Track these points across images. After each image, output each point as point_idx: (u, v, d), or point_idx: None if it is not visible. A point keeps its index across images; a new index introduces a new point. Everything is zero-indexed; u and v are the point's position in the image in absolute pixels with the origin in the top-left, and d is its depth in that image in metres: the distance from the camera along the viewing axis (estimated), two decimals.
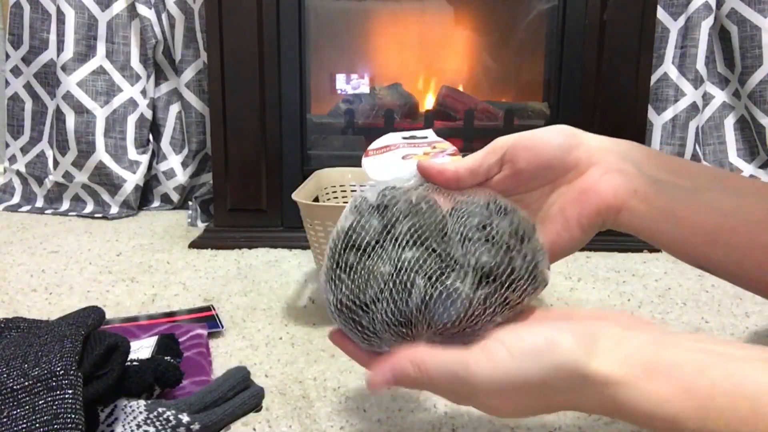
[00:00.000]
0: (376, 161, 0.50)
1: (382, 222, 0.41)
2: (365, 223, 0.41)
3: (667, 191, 0.43)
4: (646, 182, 0.43)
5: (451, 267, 0.39)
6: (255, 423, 0.61)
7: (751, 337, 0.83)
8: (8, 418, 0.47)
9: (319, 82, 1.39)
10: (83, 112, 1.49)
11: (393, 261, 0.39)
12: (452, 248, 0.40)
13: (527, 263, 0.41)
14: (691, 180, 0.43)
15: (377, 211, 0.41)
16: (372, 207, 0.42)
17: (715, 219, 0.42)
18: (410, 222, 0.40)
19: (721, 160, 1.52)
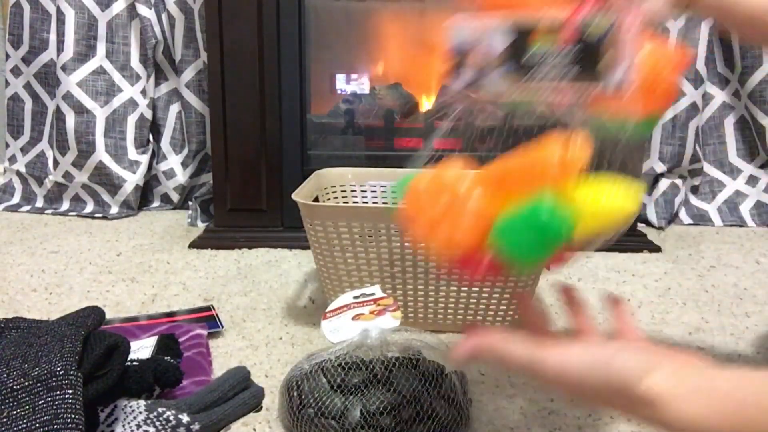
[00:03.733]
0: (332, 324, 0.60)
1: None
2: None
3: None
4: None
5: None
6: (255, 423, 0.61)
7: (751, 337, 0.83)
8: (8, 418, 0.47)
9: (319, 82, 1.39)
10: (83, 112, 1.49)
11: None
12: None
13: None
14: None
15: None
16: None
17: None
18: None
19: (721, 160, 1.52)
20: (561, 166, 0.42)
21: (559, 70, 0.45)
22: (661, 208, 1.42)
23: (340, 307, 0.64)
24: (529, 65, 0.46)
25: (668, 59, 0.46)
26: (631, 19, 0.43)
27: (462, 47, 0.48)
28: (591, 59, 0.44)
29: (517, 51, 0.45)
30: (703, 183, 1.51)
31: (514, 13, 0.46)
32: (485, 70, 0.47)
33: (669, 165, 1.45)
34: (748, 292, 1.00)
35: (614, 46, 0.43)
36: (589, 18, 0.43)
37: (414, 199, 0.46)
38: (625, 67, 0.43)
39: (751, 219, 1.46)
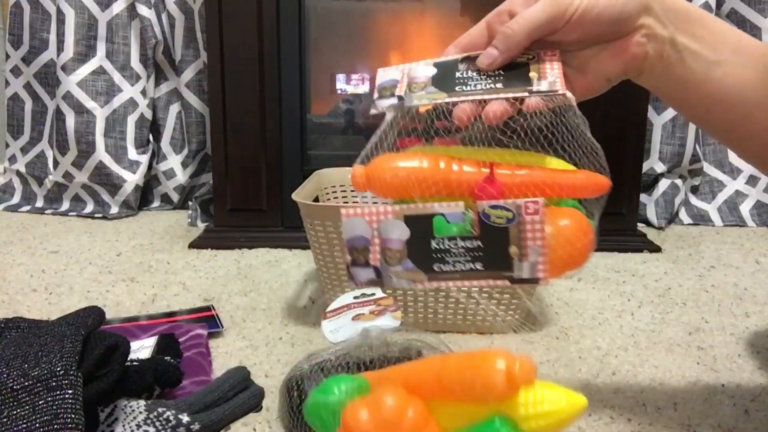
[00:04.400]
0: (332, 324, 0.58)
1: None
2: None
3: (687, 61, 0.47)
4: (673, 50, 0.47)
5: None
6: (255, 423, 0.61)
7: (751, 337, 0.83)
8: (8, 418, 0.47)
9: (319, 82, 1.39)
10: (83, 112, 1.49)
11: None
12: None
13: None
14: (714, 52, 0.47)
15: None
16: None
17: (720, 91, 0.48)
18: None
19: (721, 160, 1.52)
20: (507, 383, 0.39)
21: (465, 261, 0.42)
22: (661, 208, 1.42)
23: (340, 307, 0.64)
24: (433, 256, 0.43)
25: (574, 231, 0.43)
26: (532, 208, 0.41)
27: (388, 83, 0.46)
28: (498, 248, 0.41)
29: (417, 242, 0.43)
30: (703, 183, 1.51)
31: (406, 205, 0.43)
32: (409, 93, 0.45)
33: (669, 165, 1.45)
34: (748, 292, 1.00)
35: (520, 236, 0.41)
36: (489, 209, 0.41)
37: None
38: (535, 255, 0.41)
39: (751, 219, 1.46)
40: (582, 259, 0.44)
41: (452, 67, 0.46)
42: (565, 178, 0.45)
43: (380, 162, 0.46)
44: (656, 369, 0.74)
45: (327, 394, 0.46)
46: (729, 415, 0.64)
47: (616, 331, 0.85)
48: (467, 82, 0.45)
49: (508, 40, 0.45)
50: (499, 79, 0.45)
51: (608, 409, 0.65)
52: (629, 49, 0.47)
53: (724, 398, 0.67)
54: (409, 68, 0.47)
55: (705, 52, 0.47)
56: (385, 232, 0.43)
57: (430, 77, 0.46)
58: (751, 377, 0.72)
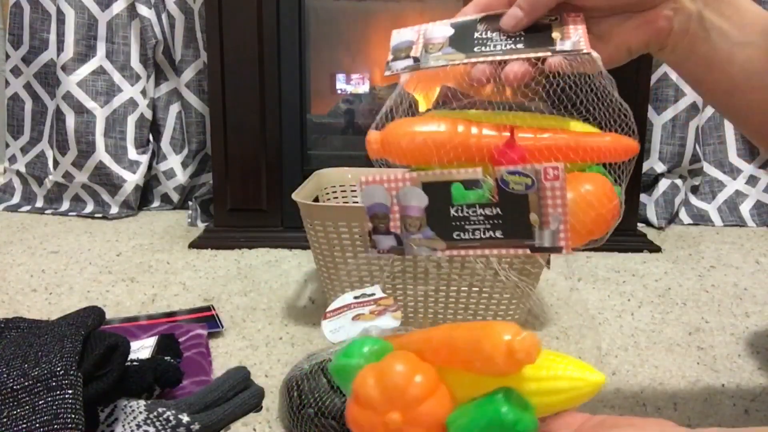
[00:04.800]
0: (332, 324, 0.58)
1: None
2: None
3: (713, 39, 0.45)
4: (700, 27, 0.45)
5: None
6: (255, 423, 0.61)
7: (751, 337, 0.83)
8: (8, 418, 0.47)
9: (319, 82, 1.39)
10: (83, 112, 1.49)
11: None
12: None
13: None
14: (742, 32, 0.46)
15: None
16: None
17: (743, 74, 0.46)
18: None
19: (721, 160, 1.52)
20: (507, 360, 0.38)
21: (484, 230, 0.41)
22: (661, 208, 1.42)
23: (340, 307, 0.64)
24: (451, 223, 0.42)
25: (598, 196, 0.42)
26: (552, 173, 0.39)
27: (403, 44, 0.45)
28: (517, 215, 0.40)
29: (436, 210, 0.42)
30: (703, 183, 1.51)
31: (424, 172, 0.42)
32: (425, 54, 0.44)
33: (669, 165, 1.45)
34: (748, 292, 1.00)
35: (540, 203, 0.40)
36: (507, 175, 0.40)
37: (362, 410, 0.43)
38: (556, 222, 0.39)
39: (751, 219, 1.46)
40: (606, 226, 0.42)
41: (470, 28, 0.44)
42: (591, 141, 0.43)
43: (396, 127, 0.44)
44: (656, 369, 0.74)
45: (349, 357, 0.46)
46: (729, 415, 0.64)
47: (616, 331, 0.85)
48: (486, 42, 0.43)
49: (534, 1, 0.42)
50: (520, 40, 0.42)
51: (608, 409, 0.65)
52: (655, 22, 0.45)
53: (724, 398, 0.67)
54: (425, 29, 0.45)
55: (732, 31, 0.45)
56: (404, 199, 0.42)
57: (448, 37, 0.44)
58: (751, 377, 0.72)
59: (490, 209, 0.41)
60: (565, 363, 0.40)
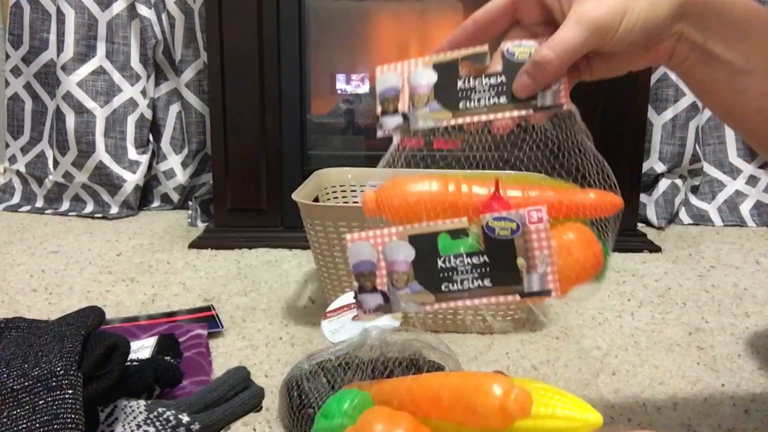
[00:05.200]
0: (332, 324, 0.58)
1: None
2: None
3: (713, 66, 0.46)
4: (701, 55, 0.45)
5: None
6: (255, 423, 0.61)
7: (751, 337, 0.83)
8: (8, 418, 0.47)
9: (319, 82, 1.39)
10: (83, 112, 1.49)
11: None
12: None
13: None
14: (746, 60, 0.45)
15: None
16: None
17: (740, 100, 0.46)
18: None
19: (721, 160, 1.52)
20: (501, 417, 0.38)
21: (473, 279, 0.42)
22: (661, 208, 1.42)
23: (340, 307, 0.64)
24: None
25: (584, 242, 0.43)
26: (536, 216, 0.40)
27: (389, 93, 0.46)
28: (505, 261, 0.41)
29: (423, 262, 0.42)
30: (703, 183, 1.51)
31: (409, 225, 0.43)
32: (413, 109, 0.45)
33: (669, 165, 1.45)
34: (748, 292, 1.00)
35: (526, 246, 0.40)
36: (493, 221, 0.41)
37: None
38: (543, 265, 0.40)
39: (751, 219, 1.46)
40: (590, 272, 0.43)
41: (453, 72, 0.45)
42: (576, 198, 0.45)
43: (389, 188, 0.46)
44: (656, 369, 0.74)
45: (329, 419, 0.46)
46: (729, 415, 0.64)
47: (616, 331, 0.85)
48: (470, 95, 0.44)
49: (543, 70, 0.42)
50: (502, 90, 0.44)
51: (608, 409, 0.65)
52: (656, 54, 0.46)
53: (724, 398, 0.67)
54: (409, 72, 0.46)
55: (735, 60, 0.45)
56: (390, 254, 0.42)
57: (432, 87, 0.45)
58: (751, 377, 0.72)
59: (478, 257, 0.41)
60: (563, 401, 0.40)
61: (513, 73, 0.43)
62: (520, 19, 0.47)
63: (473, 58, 0.45)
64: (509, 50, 0.43)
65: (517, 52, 0.43)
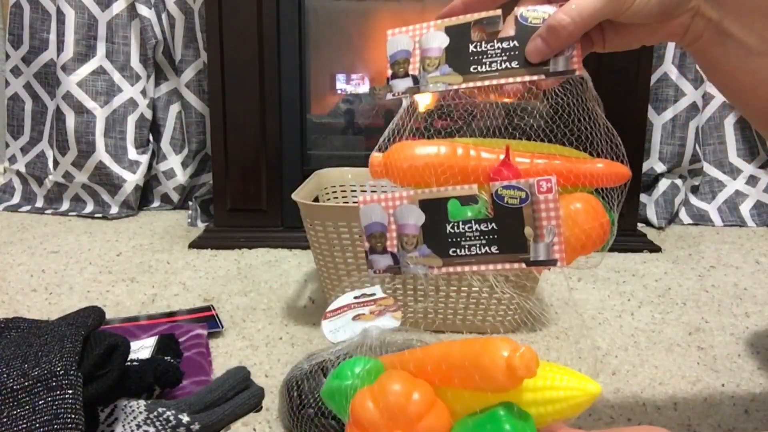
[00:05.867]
0: (332, 324, 0.57)
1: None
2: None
3: (727, 47, 0.45)
4: (716, 33, 0.45)
5: None
6: (255, 423, 0.61)
7: (751, 337, 0.83)
8: (8, 418, 0.47)
9: (319, 82, 1.39)
10: (83, 112, 1.49)
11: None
12: None
13: None
14: (762, 42, 0.45)
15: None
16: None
17: (751, 81, 0.46)
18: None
19: (721, 160, 1.52)
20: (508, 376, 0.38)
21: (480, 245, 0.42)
22: (661, 208, 1.42)
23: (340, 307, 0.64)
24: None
25: (591, 212, 0.43)
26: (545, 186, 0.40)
27: (400, 55, 0.46)
28: (512, 229, 0.41)
29: (432, 227, 0.43)
30: (703, 183, 1.51)
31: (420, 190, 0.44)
32: (423, 72, 0.45)
33: (669, 165, 1.45)
34: (748, 292, 1.00)
35: (534, 216, 0.41)
36: (502, 189, 0.41)
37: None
38: (550, 235, 0.40)
39: (751, 219, 1.46)
40: (596, 242, 0.43)
41: (465, 35, 0.44)
42: (584, 167, 0.45)
43: (397, 150, 0.46)
44: (656, 369, 0.74)
45: (341, 379, 0.45)
46: (729, 415, 0.64)
47: (616, 331, 0.85)
48: (482, 60, 0.44)
49: (557, 35, 0.42)
50: (514, 55, 0.43)
51: (608, 409, 0.65)
52: (671, 29, 0.46)
53: (724, 398, 0.67)
54: (420, 34, 0.45)
55: (751, 41, 0.45)
56: (401, 217, 0.43)
57: (444, 50, 0.44)
58: (751, 377, 0.72)
59: (486, 224, 0.41)
60: (561, 373, 0.41)
61: (526, 38, 0.43)
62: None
63: (486, 22, 0.44)
64: (523, 15, 0.43)
65: (530, 17, 0.42)
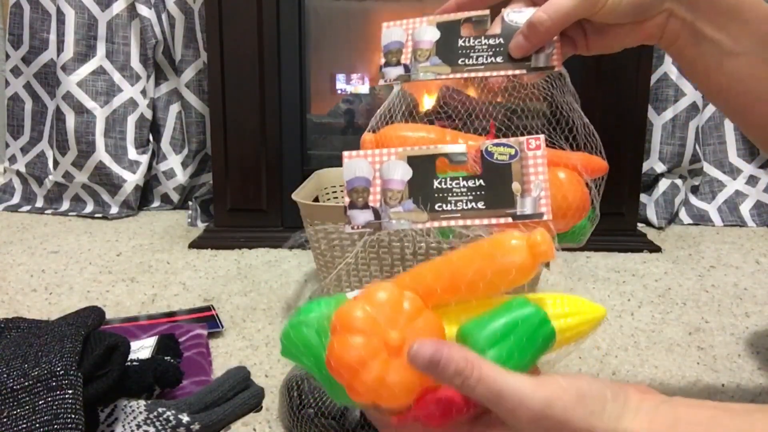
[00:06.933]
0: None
1: None
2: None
3: (703, 48, 0.47)
4: (691, 35, 0.47)
5: None
6: (255, 423, 0.61)
7: (751, 337, 0.83)
8: (8, 418, 0.47)
9: (319, 82, 1.39)
10: (83, 112, 1.49)
11: None
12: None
13: None
14: (736, 42, 0.47)
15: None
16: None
17: (728, 81, 0.48)
18: None
19: (721, 160, 1.52)
20: (533, 250, 0.37)
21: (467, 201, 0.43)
22: (661, 208, 1.42)
23: None
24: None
25: (573, 181, 0.45)
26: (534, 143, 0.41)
27: (393, 45, 0.49)
28: (500, 185, 0.42)
29: (419, 182, 0.43)
30: (703, 183, 1.51)
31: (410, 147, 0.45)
32: (414, 62, 0.48)
33: (669, 165, 1.45)
34: (748, 292, 1.00)
35: (522, 171, 0.42)
36: (492, 146, 0.42)
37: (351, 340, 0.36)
38: (537, 189, 0.41)
39: (751, 219, 1.46)
40: (576, 213, 0.45)
41: (455, 31, 0.47)
42: (563, 157, 0.47)
43: (390, 130, 0.48)
44: (656, 369, 0.74)
45: (307, 312, 0.40)
46: None
47: (616, 331, 0.85)
48: (469, 53, 0.47)
49: (537, 31, 0.45)
50: (499, 51, 0.46)
51: None
52: (648, 30, 0.47)
53: (724, 398, 0.67)
54: (414, 28, 0.48)
55: (725, 41, 0.46)
56: (387, 172, 0.43)
57: (434, 43, 0.47)
58: (751, 377, 0.72)
59: (474, 181, 0.42)
60: (569, 300, 0.41)
61: (511, 36, 0.46)
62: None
63: (475, 20, 0.48)
64: (508, 15, 0.47)
65: (516, 18, 0.46)
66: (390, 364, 0.36)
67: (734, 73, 0.47)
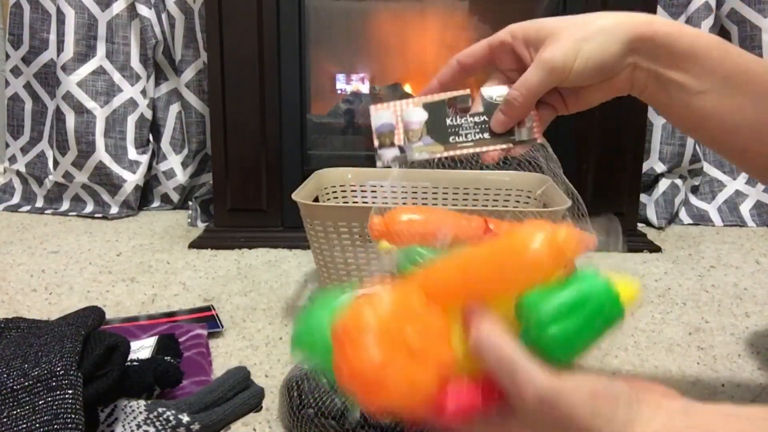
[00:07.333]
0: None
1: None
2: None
3: (671, 91, 0.51)
4: (657, 83, 0.51)
5: None
6: (255, 423, 0.61)
7: (751, 337, 0.83)
8: (8, 418, 0.47)
9: (319, 82, 1.39)
10: (83, 112, 1.49)
11: None
12: None
13: None
14: (700, 82, 0.50)
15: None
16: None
17: (700, 117, 0.51)
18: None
19: (721, 160, 1.52)
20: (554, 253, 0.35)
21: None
22: (661, 208, 1.42)
23: None
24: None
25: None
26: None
27: (385, 128, 0.53)
28: None
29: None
30: (703, 183, 1.51)
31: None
32: (408, 143, 0.53)
33: (669, 165, 1.45)
34: (748, 292, 1.00)
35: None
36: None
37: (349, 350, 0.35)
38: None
39: (751, 219, 1.46)
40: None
41: (441, 111, 0.53)
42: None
43: (395, 214, 0.58)
44: (656, 369, 0.74)
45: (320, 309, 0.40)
46: None
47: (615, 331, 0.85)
48: (458, 131, 0.52)
49: (512, 107, 0.51)
50: (485, 127, 0.52)
51: None
52: (618, 84, 0.52)
53: (724, 398, 0.67)
54: (401, 110, 0.53)
55: (690, 82, 0.50)
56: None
57: (424, 123, 0.53)
58: (751, 377, 0.72)
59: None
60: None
61: (492, 112, 0.52)
62: (498, 65, 0.53)
63: (458, 99, 0.53)
64: (487, 92, 0.52)
65: (494, 95, 0.52)
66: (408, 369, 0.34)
67: (703, 109, 0.51)
